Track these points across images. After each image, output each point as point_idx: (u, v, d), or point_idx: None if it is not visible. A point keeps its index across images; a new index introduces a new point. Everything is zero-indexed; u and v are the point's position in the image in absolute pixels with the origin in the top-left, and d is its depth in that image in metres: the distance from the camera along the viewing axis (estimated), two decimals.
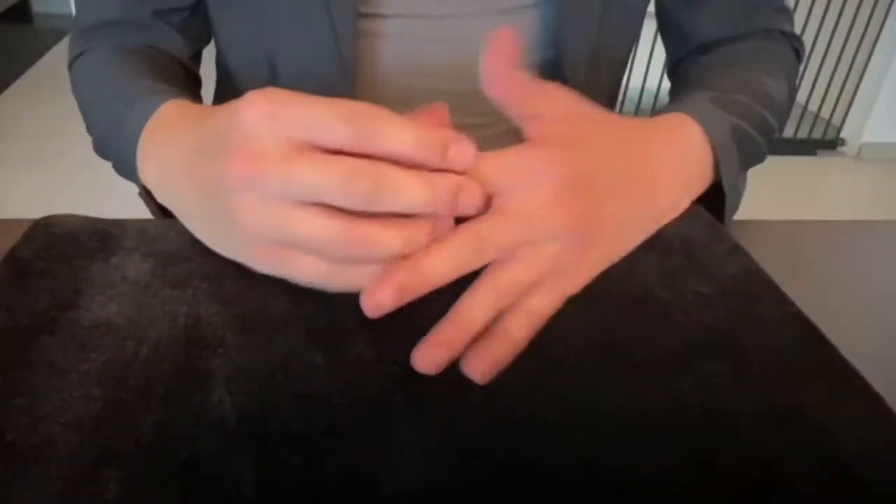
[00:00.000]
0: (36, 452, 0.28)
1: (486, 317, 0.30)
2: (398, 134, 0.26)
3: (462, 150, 0.27)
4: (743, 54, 0.55)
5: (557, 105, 0.33)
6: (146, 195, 0.43)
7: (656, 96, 2.83)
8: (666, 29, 0.62)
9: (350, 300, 0.38)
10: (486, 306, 0.29)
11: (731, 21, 0.57)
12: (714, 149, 0.42)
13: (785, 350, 0.36)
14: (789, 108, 0.55)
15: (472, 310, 0.29)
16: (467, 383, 0.33)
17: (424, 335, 0.30)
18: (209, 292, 0.38)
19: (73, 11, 0.55)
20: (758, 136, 0.48)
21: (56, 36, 3.32)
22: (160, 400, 0.31)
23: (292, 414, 0.31)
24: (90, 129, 0.52)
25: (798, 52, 0.59)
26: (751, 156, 0.49)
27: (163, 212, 0.40)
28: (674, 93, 0.62)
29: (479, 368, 0.29)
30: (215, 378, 0.32)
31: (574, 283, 0.32)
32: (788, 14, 0.59)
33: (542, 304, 0.31)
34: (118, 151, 0.46)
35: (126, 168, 0.44)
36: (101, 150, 0.51)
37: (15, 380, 0.31)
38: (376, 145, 0.26)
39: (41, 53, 3.17)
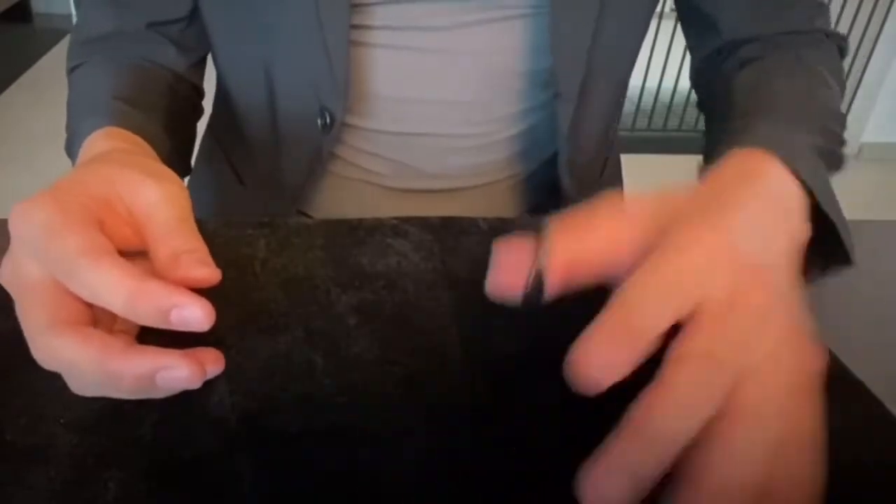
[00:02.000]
0: (36, 452, 0.28)
1: (684, 429, 0.22)
2: (109, 288, 0.26)
3: (186, 316, 0.27)
4: (797, 69, 0.49)
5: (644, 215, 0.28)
6: None
7: (656, 96, 2.83)
8: (690, 23, 0.58)
9: (350, 301, 0.38)
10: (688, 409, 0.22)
11: (765, 15, 0.53)
12: (808, 190, 0.35)
13: None
14: (842, 120, 0.49)
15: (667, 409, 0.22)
16: (468, 383, 0.33)
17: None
18: (209, 292, 0.38)
19: (74, 12, 0.56)
20: (838, 149, 0.43)
21: (56, 36, 3.31)
22: (160, 400, 0.30)
23: (292, 414, 0.31)
24: None
25: (842, 50, 0.54)
26: (832, 171, 0.42)
27: None
28: (703, 107, 0.57)
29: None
30: (215, 378, 0.32)
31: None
32: (825, 8, 0.54)
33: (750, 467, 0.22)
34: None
35: None
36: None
37: (15, 380, 0.31)
38: (86, 295, 0.27)
39: (41, 53, 3.17)
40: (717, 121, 0.51)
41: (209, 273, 0.29)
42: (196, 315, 0.27)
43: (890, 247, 0.50)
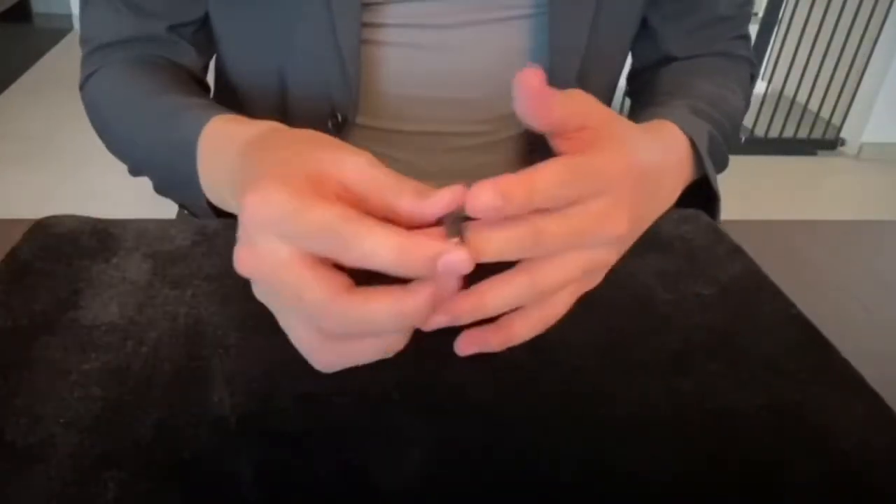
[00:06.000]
0: (36, 452, 0.28)
1: (506, 309, 0.29)
2: (379, 248, 0.27)
3: (452, 262, 0.26)
4: (707, 68, 0.58)
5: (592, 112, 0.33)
6: (211, 208, 0.43)
7: None
8: (641, 36, 0.63)
9: None
10: (512, 300, 0.28)
11: (698, 40, 0.59)
12: (696, 154, 0.43)
13: (785, 351, 0.36)
14: (740, 126, 0.58)
15: (496, 299, 0.28)
16: (467, 383, 0.33)
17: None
18: (209, 292, 0.38)
19: (74, 12, 0.56)
20: (724, 144, 0.50)
21: (56, 36, 3.31)
22: (160, 400, 0.31)
23: (292, 414, 0.31)
24: (117, 146, 0.52)
25: (752, 77, 0.62)
26: (719, 162, 0.50)
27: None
28: (633, 98, 0.64)
29: (467, 349, 0.29)
30: (215, 378, 0.32)
31: (595, 284, 0.31)
32: (748, 42, 0.62)
33: (560, 308, 0.30)
34: (167, 169, 0.45)
35: (177, 187, 0.45)
36: (138, 168, 0.51)
37: (15, 380, 0.31)
38: (355, 259, 0.27)
39: (41, 53, 3.17)
40: (642, 100, 0.58)
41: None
42: (462, 258, 0.27)
43: (890, 247, 0.50)
